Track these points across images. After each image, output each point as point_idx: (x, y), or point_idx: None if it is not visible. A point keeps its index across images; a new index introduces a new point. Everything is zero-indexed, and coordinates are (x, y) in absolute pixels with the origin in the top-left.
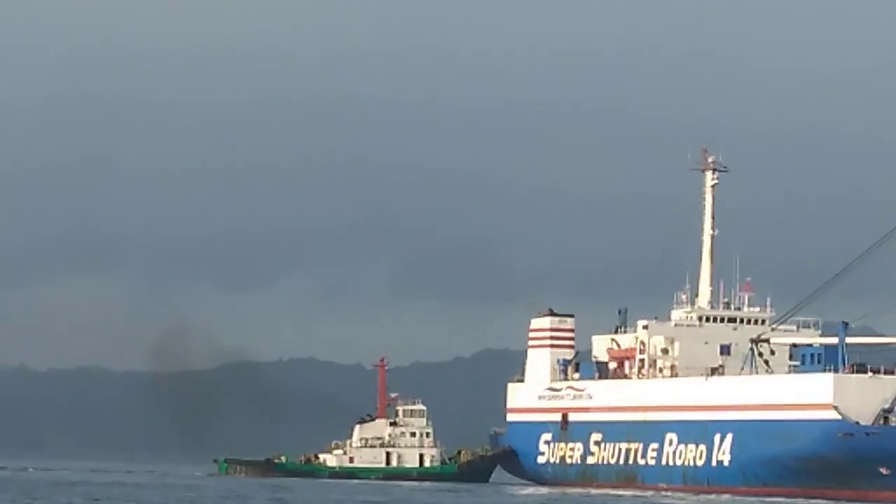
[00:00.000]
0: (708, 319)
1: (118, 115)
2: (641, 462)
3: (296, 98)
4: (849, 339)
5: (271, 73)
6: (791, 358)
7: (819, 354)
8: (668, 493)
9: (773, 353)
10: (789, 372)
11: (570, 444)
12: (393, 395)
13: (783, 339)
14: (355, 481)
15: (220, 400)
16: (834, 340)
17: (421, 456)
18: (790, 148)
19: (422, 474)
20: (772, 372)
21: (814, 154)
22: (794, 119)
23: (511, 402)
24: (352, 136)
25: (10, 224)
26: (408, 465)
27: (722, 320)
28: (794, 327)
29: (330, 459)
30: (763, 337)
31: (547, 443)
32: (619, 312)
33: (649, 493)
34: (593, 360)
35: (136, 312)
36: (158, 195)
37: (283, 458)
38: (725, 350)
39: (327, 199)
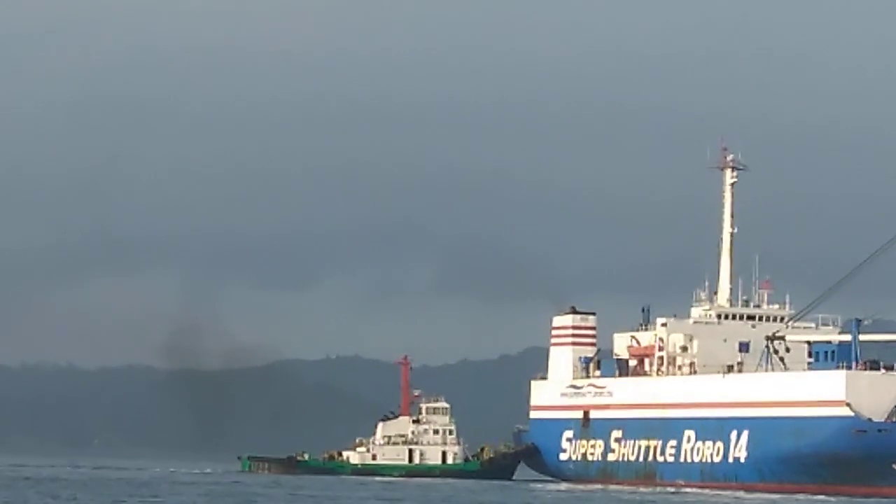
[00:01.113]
0: (727, 317)
1: (150, 117)
2: (660, 459)
3: (336, 98)
4: (863, 337)
5: (308, 74)
6: (809, 355)
7: (832, 351)
8: (685, 490)
9: (787, 350)
10: (807, 369)
11: (592, 441)
12: (416, 393)
13: (798, 336)
14: (377, 478)
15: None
16: (848, 337)
17: (443, 453)
18: (810, 144)
19: (444, 471)
20: (787, 369)
21: (835, 150)
22: (815, 115)
23: (534, 400)
24: (394, 137)
25: (52, 224)
26: (430, 463)
27: (741, 318)
28: (814, 324)
29: (353, 457)
30: (778, 334)
31: (569, 440)
32: (643, 310)
33: (668, 489)
34: (614, 357)
35: (180, 311)
36: (202, 195)
37: (306, 456)
38: (744, 347)
39: (371, 199)
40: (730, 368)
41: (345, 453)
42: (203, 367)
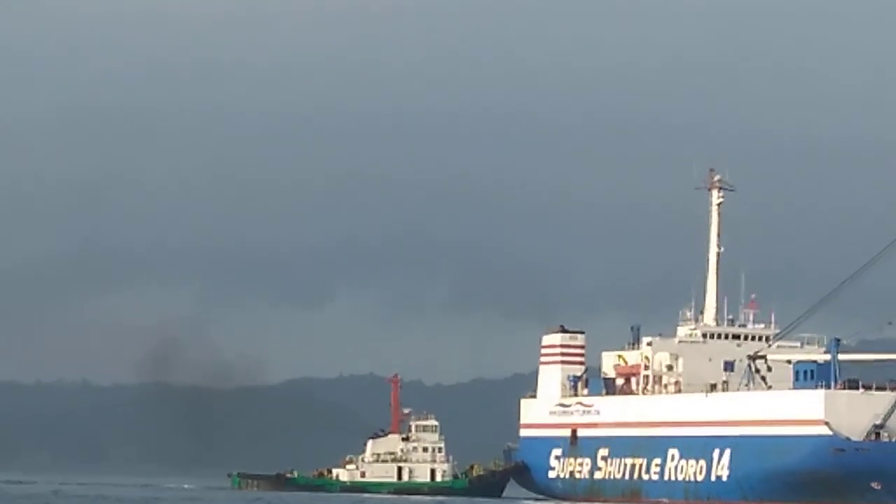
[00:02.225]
0: (712, 336)
1: (164, 128)
2: (645, 477)
3: (348, 111)
4: (842, 356)
5: (319, 85)
6: None
7: (812, 371)
8: None
9: (769, 369)
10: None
11: (579, 459)
12: (406, 411)
13: (779, 355)
14: (366, 495)
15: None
16: (828, 357)
17: (432, 471)
18: (800, 158)
19: (433, 489)
20: (769, 388)
21: (824, 164)
22: (802, 131)
23: (524, 418)
24: (407, 150)
25: (65, 238)
26: (419, 480)
27: (726, 337)
28: (799, 343)
29: (342, 474)
30: (760, 354)
31: (557, 458)
32: (632, 329)
33: None
34: (602, 376)
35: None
36: (215, 209)
37: (295, 473)
38: (729, 366)
39: (384, 214)
40: (713, 387)
41: (334, 471)
42: (216, 386)
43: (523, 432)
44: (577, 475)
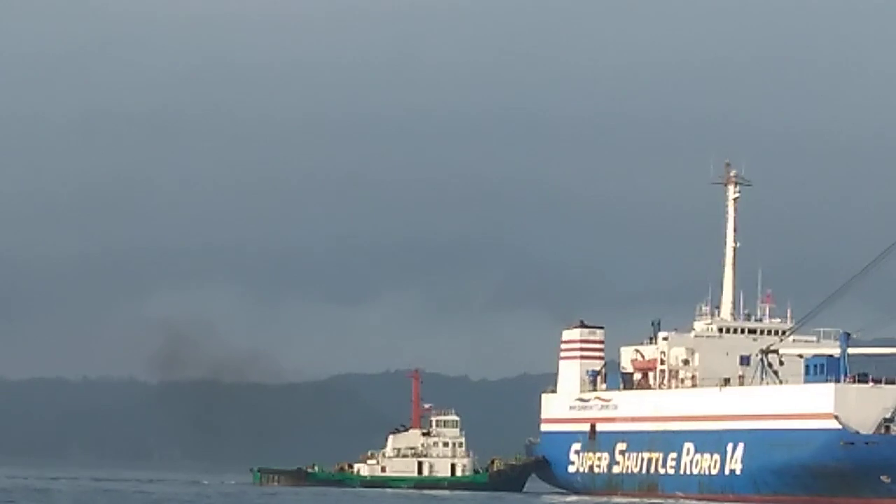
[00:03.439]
0: (728, 331)
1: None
2: (661, 471)
3: (395, 113)
4: (854, 350)
5: (360, 86)
6: None
7: (822, 365)
8: (684, 502)
9: (782, 363)
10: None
11: (598, 454)
12: (427, 406)
13: (791, 349)
14: (386, 490)
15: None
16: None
17: (452, 465)
18: (815, 156)
19: (453, 483)
20: (782, 382)
21: (839, 162)
22: (818, 126)
23: (544, 413)
24: (455, 150)
25: (110, 237)
26: (439, 475)
27: (742, 331)
28: (815, 338)
29: (362, 469)
30: (772, 348)
31: (577, 452)
32: (652, 324)
33: (668, 501)
34: (620, 371)
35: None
36: (262, 207)
37: (316, 468)
38: (745, 361)
39: (431, 213)
40: (726, 381)
41: (355, 465)
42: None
43: (544, 427)
44: (596, 469)
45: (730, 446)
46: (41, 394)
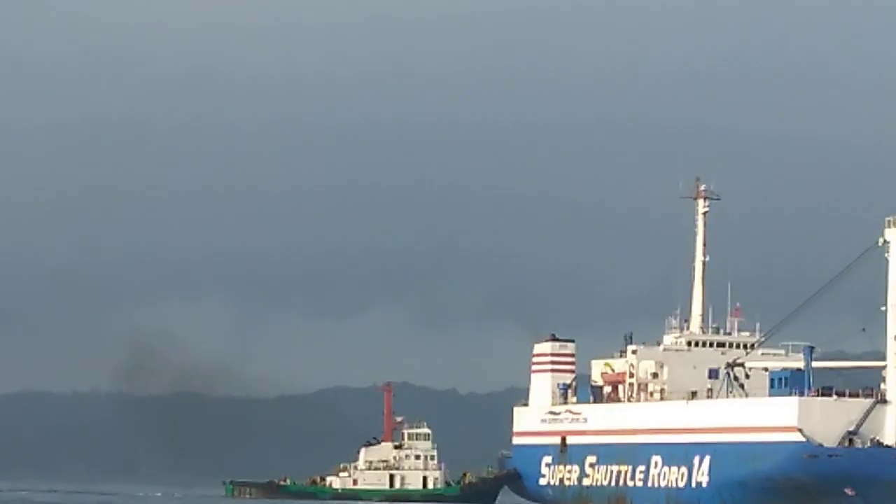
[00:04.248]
0: (696, 344)
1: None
2: (630, 484)
3: (381, 122)
4: (818, 364)
5: (346, 98)
6: None
7: (786, 378)
8: None
9: (747, 376)
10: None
11: (568, 467)
12: (399, 419)
13: (756, 363)
14: (358, 503)
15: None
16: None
17: (424, 478)
18: (785, 170)
19: (424, 496)
20: (747, 396)
21: (810, 174)
22: (789, 138)
23: (516, 426)
24: (440, 161)
25: (98, 248)
26: (410, 487)
27: (710, 345)
28: (784, 351)
29: (335, 481)
30: (738, 361)
31: (548, 465)
32: (624, 337)
33: None
34: (591, 384)
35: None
36: (248, 219)
37: (288, 480)
38: (713, 374)
39: (417, 225)
40: (693, 395)
41: (328, 478)
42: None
43: (516, 440)
44: (567, 482)
45: (696, 459)
46: (28, 407)
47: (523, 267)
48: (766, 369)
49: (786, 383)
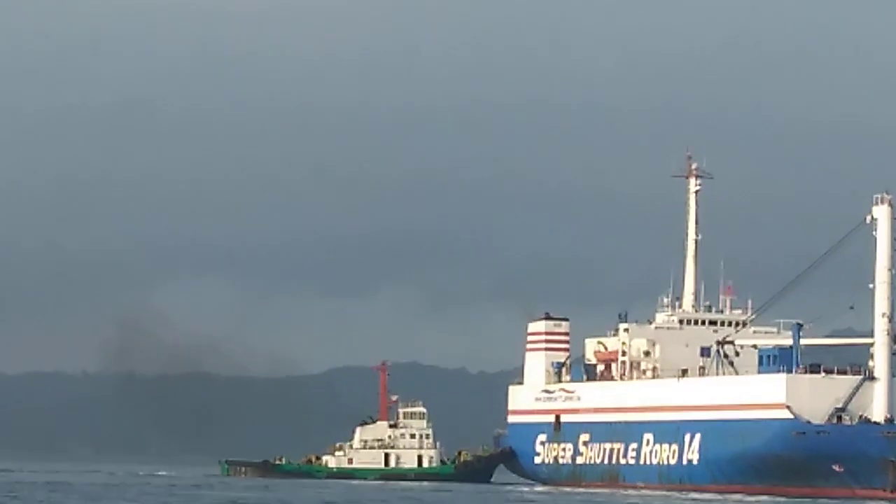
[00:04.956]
0: (689, 322)
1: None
2: (623, 461)
3: (392, 106)
4: (807, 341)
5: (351, 80)
6: None
7: (774, 355)
8: (639, 493)
9: (737, 354)
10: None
11: (562, 445)
12: (394, 398)
13: (746, 340)
14: (352, 482)
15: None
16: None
17: (419, 457)
18: (776, 148)
19: (419, 475)
20: (737, 373)
21: (800, 152)
22: (781, 116)
23: (511, 404)
24: (451, 145)
25: (118, 232)
26: (405, 466)
27: (702, 323)
28: (776, 329)
29: (330, 461)
30: (728, 339)
31: (542, 443)
32: (619, 316)
33: (629, 491)
34: (584, 362)
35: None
36: (259, 202)
37: (283, 460)
38: (705, 352)
39: (428, 207)
40: (684, 373)
41: (323, 457)
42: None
43: (511, 418)
44: (561, 460)
45: (687, 436)
46: (39, 387)
47: (522, 250)
48: (755, 347)
49: (774, 361)
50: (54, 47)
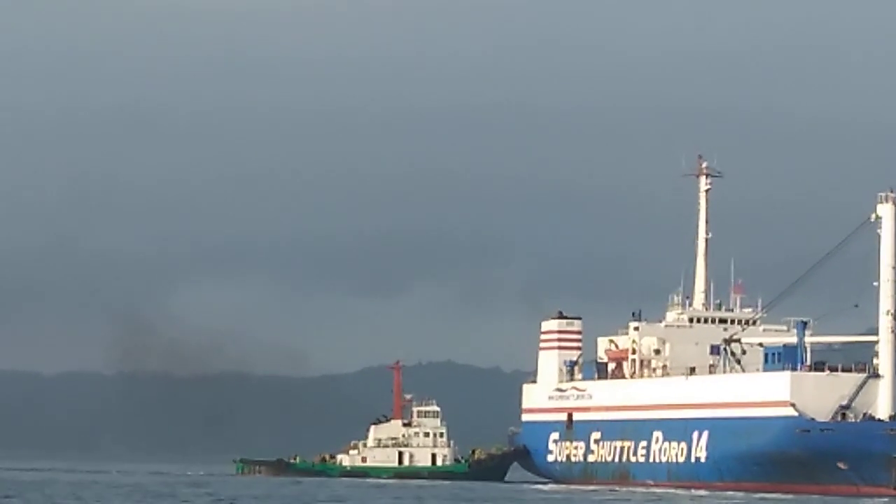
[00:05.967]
0: (699, 320)
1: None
2: (633, 459)
3: (426, 107)
4: (812, 339)
5: (392, 83)
6: None
7: (779, 353)
8: (648, 491)
9: (744, 352)
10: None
11: (574, 443)
12: (408, 397)
13: (752, 338)
14: (369, 480)
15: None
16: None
17: (433, 455)
18: (787, 147)
19: (433, 473)
20: (744, 371)
21: (812, 151)
22: (792, 115)
23: (525, 403)
24: (486, 146)
25: (145, 233)
26: (419, 465)
27: (712, 321)
28: (785, 327)
29: (344, 459)
30: (735, 337)
31: (555, 441)
32: (633, 314)
33: (639, 489)
34: (596, 361)
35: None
36: (293, 202)
37: (297, 458)
38: (715, 350)
39: (463, 206)
40: (692, 371)
41: (337, 456)
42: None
43: (525, 417)
44: (573, 458)
45: (695, 434)
46: (75, 388)
47: (542, 250)
48: (761, 345)
49: (779, 358)
50: (68, 51)
